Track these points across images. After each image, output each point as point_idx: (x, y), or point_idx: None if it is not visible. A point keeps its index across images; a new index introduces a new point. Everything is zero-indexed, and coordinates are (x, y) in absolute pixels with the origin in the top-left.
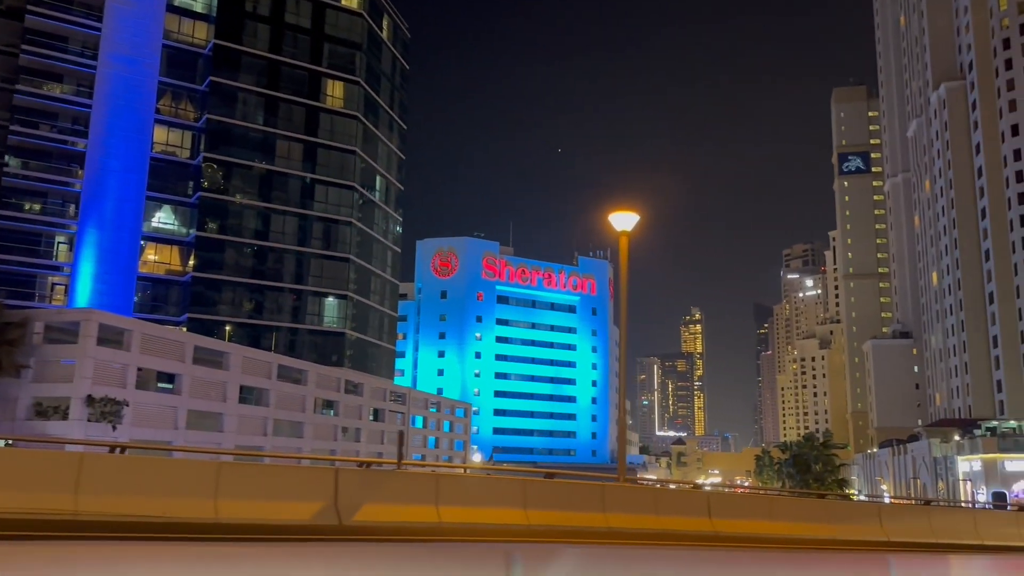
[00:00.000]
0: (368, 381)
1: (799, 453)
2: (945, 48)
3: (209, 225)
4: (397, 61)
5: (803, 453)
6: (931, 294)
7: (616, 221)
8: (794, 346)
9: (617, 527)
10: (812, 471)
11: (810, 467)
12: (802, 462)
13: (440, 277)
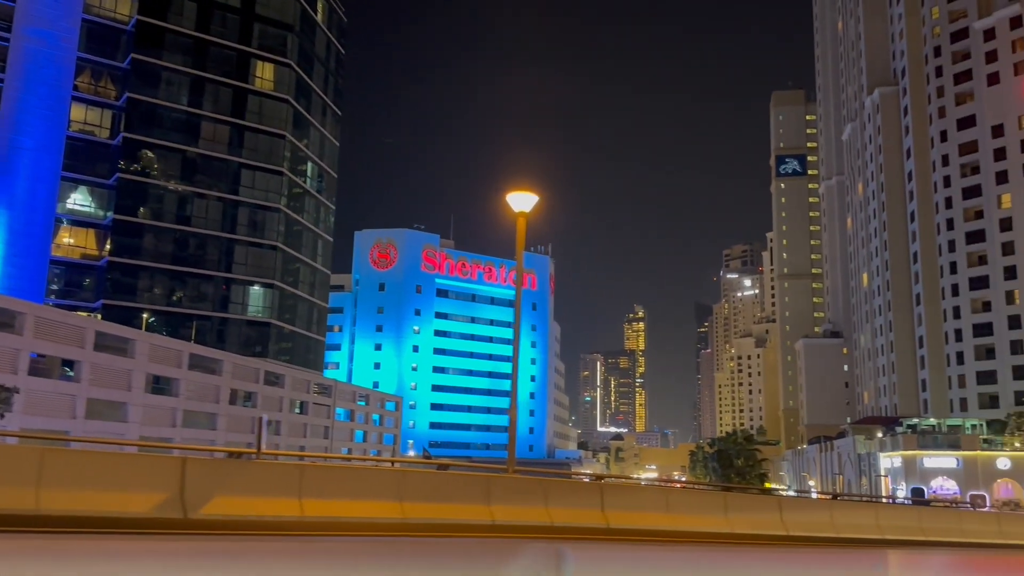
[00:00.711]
0: (292, 373)
1: (722, 448)
2: (880, 54)
3: (128, 208)
4: (332, 45)
5: (726, 448)
6: (861, 295)
7: (514, 201)
8: (732, 344)
9: (502, 520)
10: (734, 466)
11: (732, 462)
12: (725, 457)
13: (378, 269)
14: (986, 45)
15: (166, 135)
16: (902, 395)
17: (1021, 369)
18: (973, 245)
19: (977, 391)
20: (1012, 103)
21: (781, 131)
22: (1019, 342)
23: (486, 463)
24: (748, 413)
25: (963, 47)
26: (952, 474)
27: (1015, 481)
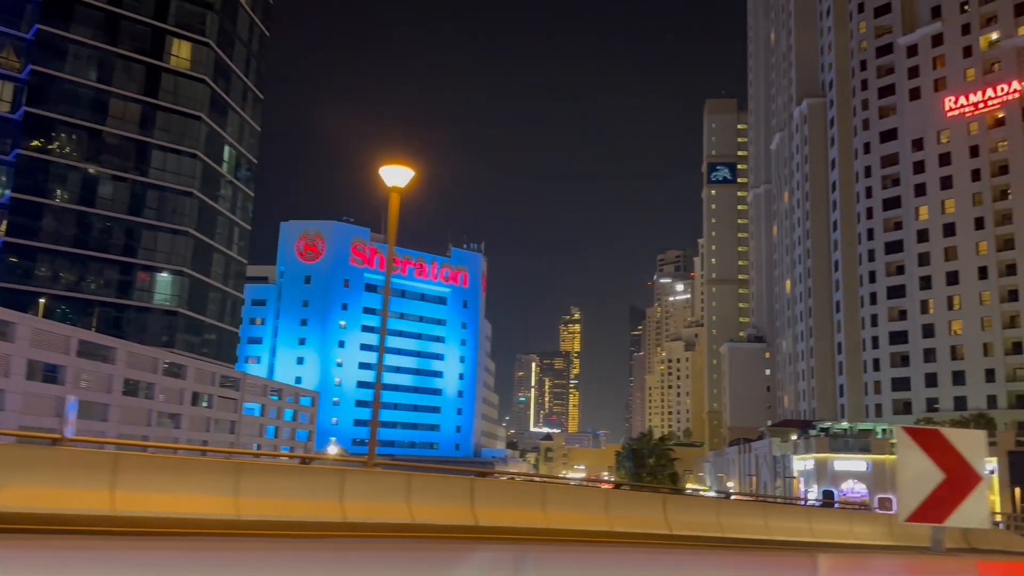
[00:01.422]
0: (196, 364)
1: (636, 448)
2: (809, 66)
3: (27, 187)
4: (256, 26)
5: (640, 448)
6: (784, 301)
7: (387, 175)
8: (663, 348)
9: (353, 519)
10: (646, 465)
11: (644, 461)
12: (639, 456)
13: (305, 261)
14: (909, 61)
15: (72, 111)
16: (820, 400)
17: (933, 377)
18: (891, 255)
19: (892, 397)
20: (932, 118)
21: (713, 139)
22: (932, 350)
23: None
24: (676, 415)
25: (888, 62)
26: (862, 477)
27: None
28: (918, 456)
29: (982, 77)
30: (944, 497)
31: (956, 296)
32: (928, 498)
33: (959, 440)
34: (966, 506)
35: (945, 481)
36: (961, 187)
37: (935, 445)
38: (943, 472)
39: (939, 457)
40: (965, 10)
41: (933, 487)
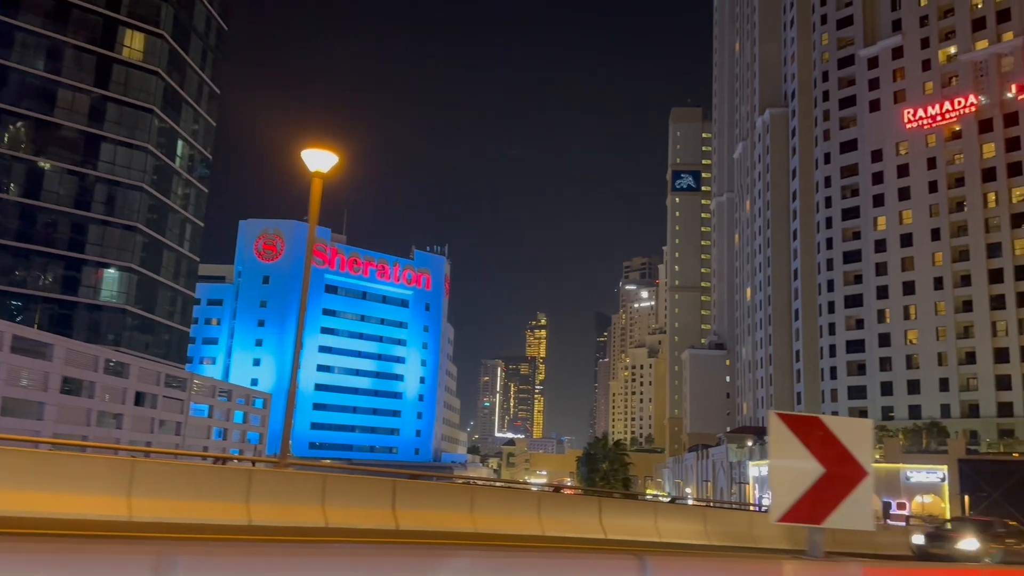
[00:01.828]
0: (141, 363)
1: (591, 453)
2: (773, 76)
3: None
4: (213, 20)
5: (595, 453)
6: (745, 308)
7: (309, 160)
8: (627, 354)
9: (259, 522)
10: (599, 470)
11: (598, 466)
12: (592, 461)
13: (263, 261)
14: (870, 73)
15: (17, 100)
16: (778, 407)
17: (889, 385)
18: (849, 265)
19: (848, 405)
20: (891, 129)
21: (678, 147)
22: (888, 359)
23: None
24: (639, 421)
25: (849, 73)
26: None
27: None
28: (794, 446)
29: (940, 90)
30: (823, 494)
31: (912, 306)
32: (804, 495)
33: (842, 429)
34: (848, 505)
35: (825, 476)
36: (918, 198)
37: (814, 434)
38: (823, 466)
39: (819, 448)
40: (925, 24)
41: (811, 483)
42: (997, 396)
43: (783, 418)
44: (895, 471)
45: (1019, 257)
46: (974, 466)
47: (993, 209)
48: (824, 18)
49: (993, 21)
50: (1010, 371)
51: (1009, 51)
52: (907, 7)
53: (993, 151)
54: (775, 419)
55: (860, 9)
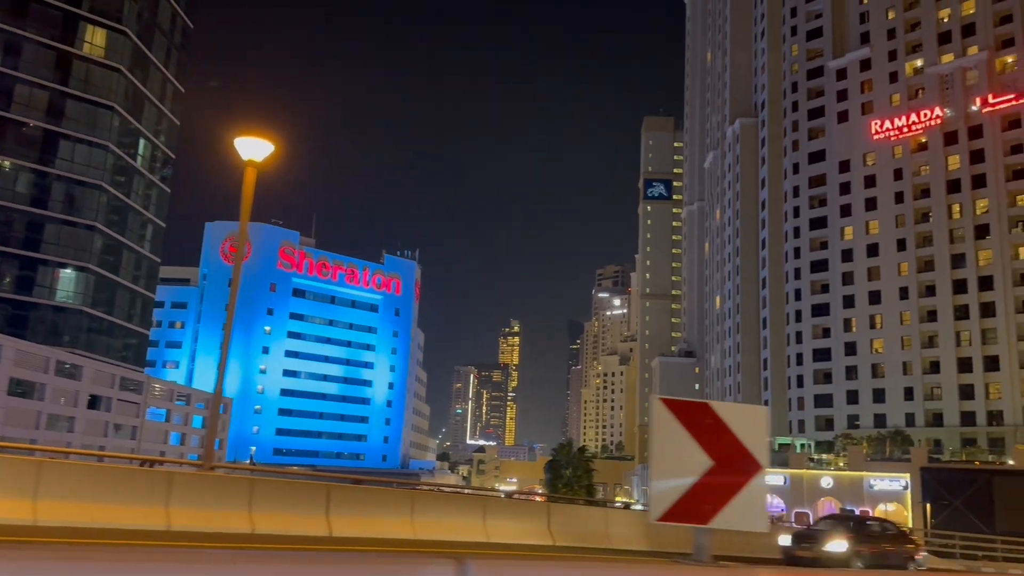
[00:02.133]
0: (95, 366)
1: (554, 459)
2: (743, 86)
3: None
4: (178, 18)
5: (558, 459)
6: (714, 316)
7: (242, 148)
8: (599, 362)
9: (179, 527)
10: (562, 476)
11: (561, 472)
12: (555, 467)
13: (230, 264)
14: (838, 84)
15: None
16: None
17: (855, 394)
18: (817, 274)
19: (815, 413)
20: (858, 140)
21: (650, 155)
22: (854, 368)
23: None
24: (610, 429)
25: (818, 85)
26: (780, 491)
27: (836, 499)
28: (679, 436)
29: (907, 102)
30: (711, 490)
31: (878, 315)
32: (689, 491)
33: (735, 417)
34: (739, 503)
35: (713, 470)
36: (885, 209)
37: (703, 423)
38: (711, 458)
39: (707, 438)
40: (892, 37)
41: (697, 477)
42: (960, 405)
43: (668, 404)
44: (859, 479)
45: (982, 268)
46: (936, 474)
47: (958, 220)
48: (794, 30)
49: (959, 35)
50: (973, 381)
51: (974, 65)
52: (875, 20)
53: (958, 163)
54: (658, 405)
55: (829, 21)
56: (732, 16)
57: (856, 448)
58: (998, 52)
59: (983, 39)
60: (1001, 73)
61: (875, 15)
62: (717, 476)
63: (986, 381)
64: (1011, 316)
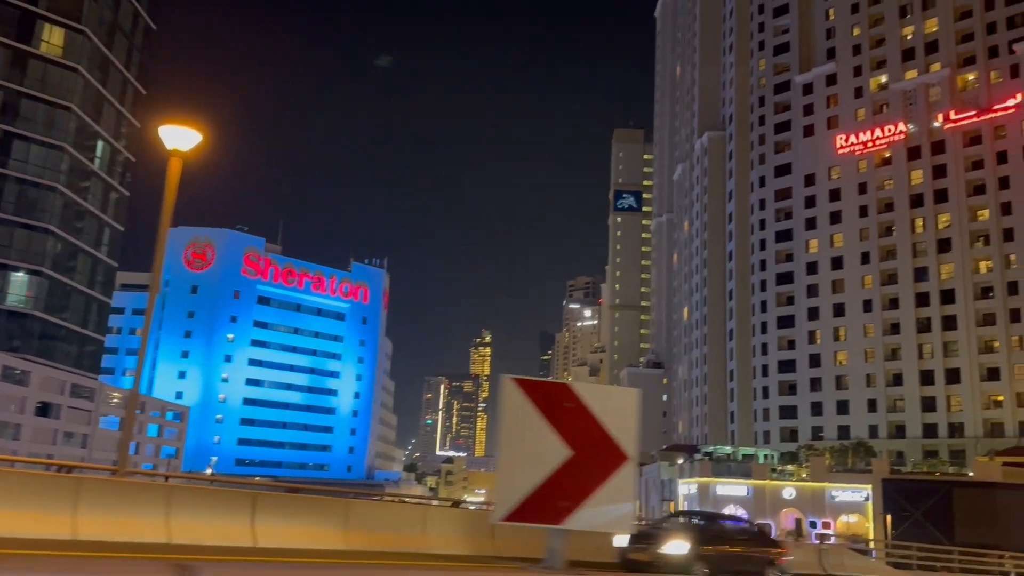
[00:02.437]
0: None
1: None
2: (711, 100)
3: None
4: (140, 18)
5: None
6: (682, 328)
7: (167, 136)
8: (570, 372)
9: (87, 536)
10: None
11: None
12: None
13: (192, 270)
14: (804, 99)
15: None
16: (712, 426)
17: (819, 405)
18: (782, 286)
19: (779, 425)
20: (824, 154)
21: (621, 167)
22: (818, 380)
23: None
24: None
25: (785, 99)
26: (743, 502)
27: (799, 510)
28: (533, 422)
29: (871, 117)
30: (568, 485)
31: (842, 327)
32: (542, 486)
33: (600, 402)
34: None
35: (572, 461)
36: (849, 222)
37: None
38: (571, 448)
39: (567, 425)
40: (858, 53)
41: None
42: (922, 418)
43: (521, 384)
44: (820, 490)
45: (944, 282)
46: (897, 485)
47: (920, 234)
48: (762, 44)
49: (922, 52)
50: (935, 393)
51: (936, 82)
52: (841, 36)
53: (921, 178)
54: (510, 386)
55: (796, 37)
56: (701, 30)
57: (819, 459)
58: (960, 69)
59: (945, 56)
60: (963, 90)
61: (841, 31)
62: (576, 469)
63: (947, 394)
64: (972, 329)
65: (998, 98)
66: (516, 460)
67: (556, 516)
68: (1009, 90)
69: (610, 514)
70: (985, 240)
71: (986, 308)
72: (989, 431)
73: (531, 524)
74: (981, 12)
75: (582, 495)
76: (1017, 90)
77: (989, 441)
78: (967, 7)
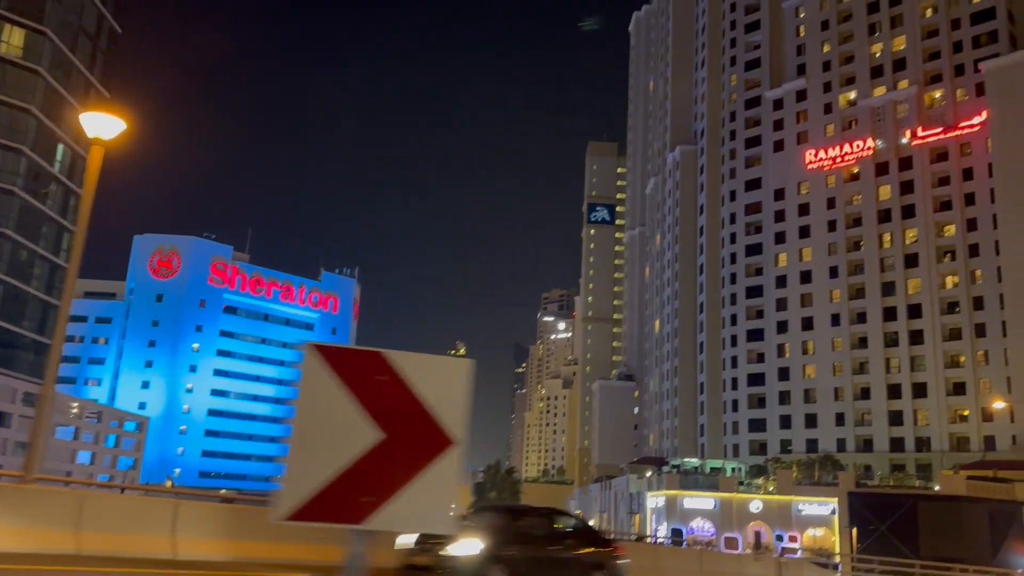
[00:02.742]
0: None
1: (480, 481)
2: (684, 114)
3: None
4: (105, 21)
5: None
6: (653, 340)
7: (88, 124)
8: (543, 385)
9: None
10: (486, 497)
11: (484, 493)
12: (480, 488)
13: (158, 278)
14: (775, 114)
15: None
16: (682, 439)
17: (787, 419)
18: (752, 299)
19: (748, 438)
20: (793, 169)
21: (594, 180)
22: (787, 393)
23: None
24: (552, 453)
25: (755, 114)
26: (710, 515)
27: (765, 523)
28: (335, 397)
29: (840, 133)
30: (375, 476)
31: (810, 341)
32: (341, 476)
33: (423, 374)
34: (414, 494)
35: (383, 446)
36: (818, 237)
37: (372, 380)
38: (382, 429)
39: (378, 403)
40: (827, 69)
41: (355, 456)
42: (890, 431)
43: (323, 352)
44: (787, 503)
45: (911, 296)
46: (863, 499)
47: (888, 249)
48: (733, 60)
49: (890, 69)
50: (902, 407)
51: (904, 99)
52: (811, 52)
53: (889, 193)
54: (309, 354)
55: (767, 52)
56: (673, 46)
57: (785, 472)
58: (927, 87)
59: (913, 74)
60: (930, 107)
61: (811, 48)
62: (387, 455)
63: (914, 408)
64: (938, 344)
65: (964, 115)
66: (310, 444)
67: (357, 514)
68: (975, 108)
69: (427, 511)
70: (951, 255)
71: (952, 323)
72: (955, 445)
73: (324, 523)
74: (948, 31)
75: (392, 488)
76: (982, 108)
77: (955, 455)
78: (934, 26)
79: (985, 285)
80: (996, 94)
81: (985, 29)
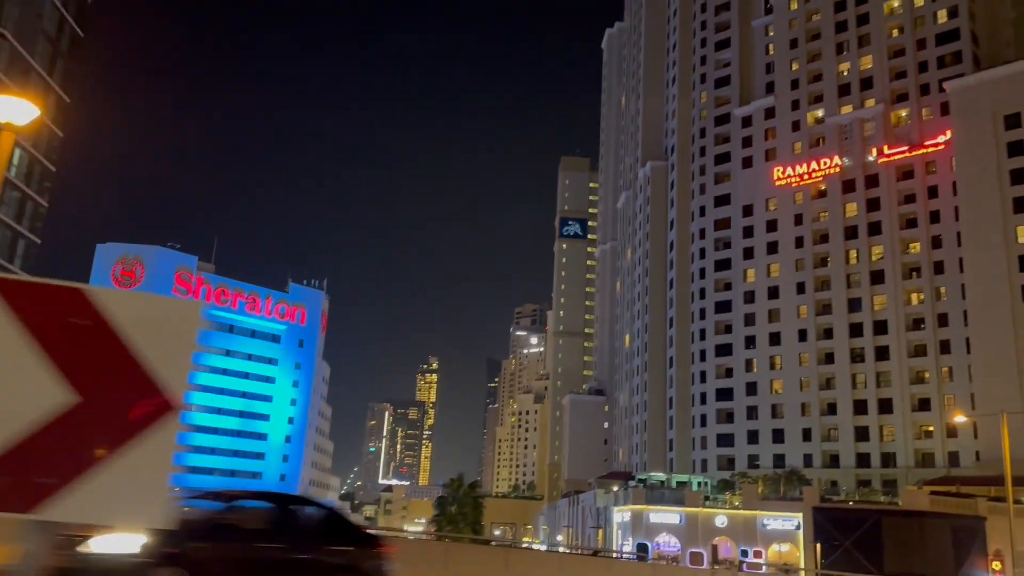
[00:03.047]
0: None
1: (442, 496)
2: (655, 130)
3: None
4: (67, 24)
5: (446, 495)
6: (623, 355)
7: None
8: (515, 400)
9: None
10: (447, 513)
11: (446, 508)
12: (441, 503)
13: (121, 287)
14: (744, 131)
15: None
16: (651, 453)
17: (755, 434)
18: (721, 314)
19: (717, 453)
20: (761, 186)
21: (567, 195)
22: (754, 408)
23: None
24: (523, 468)
25: (725, 131)
26: (675, 530)
27: (731, 538)
28: (12, 346)
29: (808, 150)
30: (62, 449)
31: (778, 356)
32: (11, 451)
33: (137, 318)
34: (115, 474)
35: (76, 410)
36: (785, 253)
37: (67, 325)
38: (75, 390)
39: (74, 353)
40: (796, 87)
41: (35, 425)
42: (856, 447)
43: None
44: (752, 518)
45: (877, 312)
46: (827, 514)
47: (854, 265)
48: (703, 77)
49: (857, 88)
50: (868, 423)
51: (871, 117)
52: (780, 70)
53: (855, 210)
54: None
55: (737, 70)
56: (645, 62)
57: (751, 487)
58: (893, 105)
59: (880, 92)
60: (896, 125)
61: (780, 66)
62: (82, 423)
63: (880, 423)
64: (904, 360)
65: (929, 134)
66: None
67: (31, 499)
68: (939, 127)
69: (130, 498)
70: (917, 273)
71: (918, 339)
72: (920, 461)
73: None
74: (913, 51)
75: (82, 466)
76: (947, 127)
77: (920, 471)
78: (900, 46)
79: (949, 302)
80: (960, 113)
81: (950, 50)
